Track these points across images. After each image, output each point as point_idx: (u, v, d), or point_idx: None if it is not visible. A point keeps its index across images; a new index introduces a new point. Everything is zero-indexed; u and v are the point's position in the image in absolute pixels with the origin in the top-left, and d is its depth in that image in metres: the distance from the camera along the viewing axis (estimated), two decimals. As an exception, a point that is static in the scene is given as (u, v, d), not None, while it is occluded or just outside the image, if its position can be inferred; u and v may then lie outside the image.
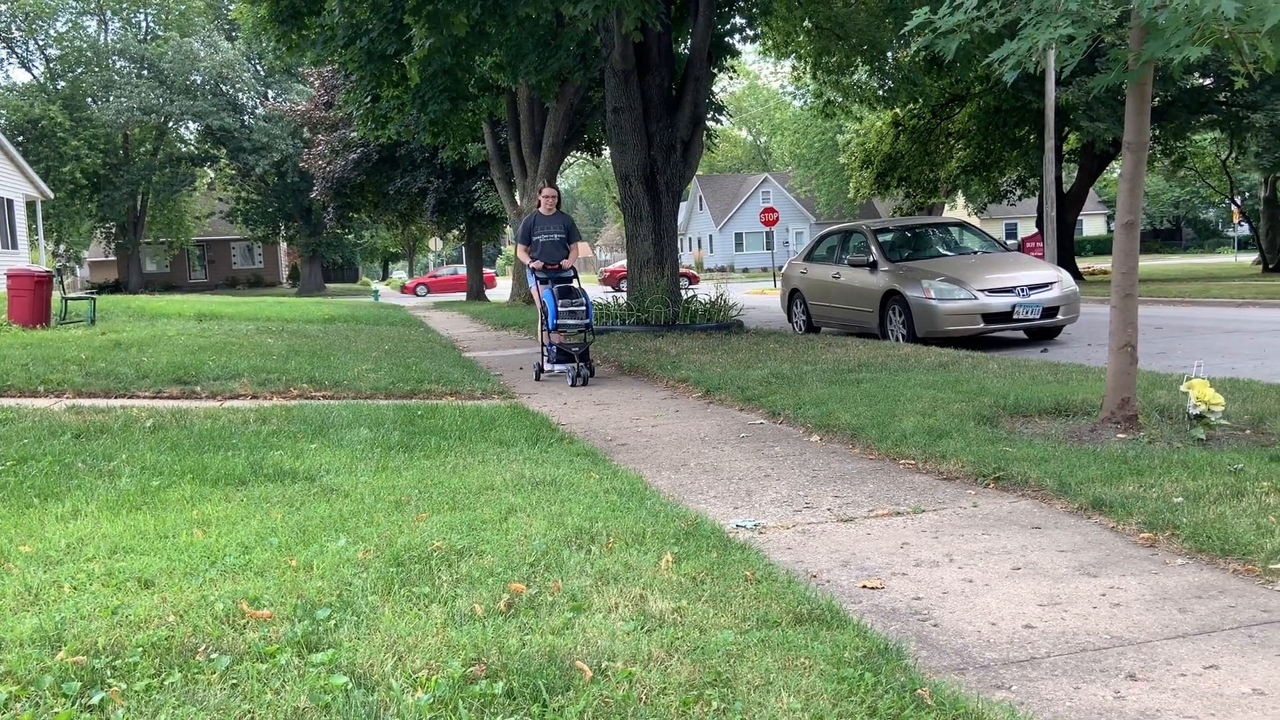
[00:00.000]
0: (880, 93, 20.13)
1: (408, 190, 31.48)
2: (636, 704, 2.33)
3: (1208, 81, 25.10)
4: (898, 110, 26.89)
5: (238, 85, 48.79)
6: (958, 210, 48.64)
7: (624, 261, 19.89)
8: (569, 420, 6.99)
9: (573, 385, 8.91)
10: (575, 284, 9.59)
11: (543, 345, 9.54)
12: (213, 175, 53.75)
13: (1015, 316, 11.24)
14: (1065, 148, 27.85)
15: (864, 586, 3.36)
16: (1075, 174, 30.02)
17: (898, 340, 11.57)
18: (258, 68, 50.94)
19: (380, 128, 17.80)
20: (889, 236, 13.18)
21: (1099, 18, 4.72)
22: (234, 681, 2.47)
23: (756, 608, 2.95)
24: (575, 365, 9.07)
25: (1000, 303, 11.20)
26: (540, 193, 10.01)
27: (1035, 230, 27.41)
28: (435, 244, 52.96)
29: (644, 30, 12.90)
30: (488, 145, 25.16)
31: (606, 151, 25.38)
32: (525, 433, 6.07)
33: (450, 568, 3.33)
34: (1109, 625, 2.94)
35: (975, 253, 13.00)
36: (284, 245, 60.33)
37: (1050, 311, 11.36)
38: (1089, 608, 3.08)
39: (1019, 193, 34.06)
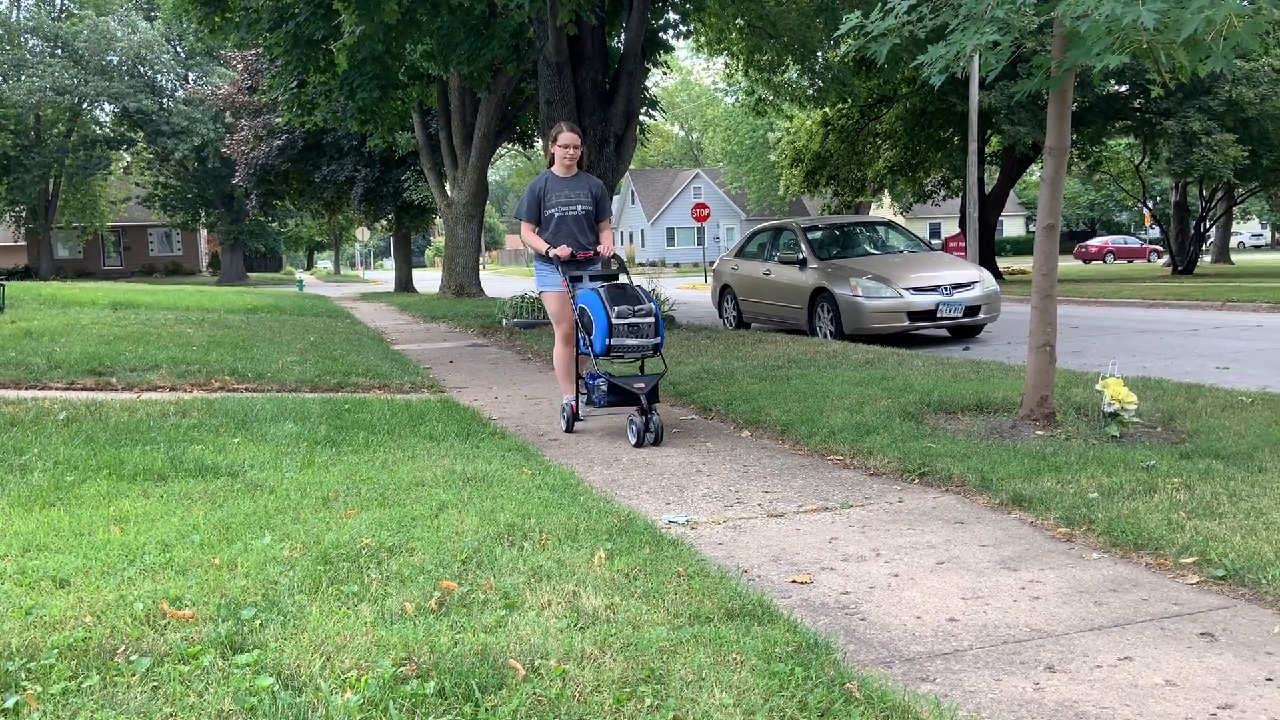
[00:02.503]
0: (810, 92, 20.40)
1: (334, 178, 30.89)
2: (570, 702, 2.32)
3: (1124, 89, 25.97)
4: (827, 110, 27.27)
5: (156, 67, 47.26)
6: (884, 209, 49.53)
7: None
8: (500, 415, 6.95)
9: (638, 445, 5.74)
10: (627, 280, 6.35)
11: (578, 378, 6.41)
12: (129, 159, 52.03)
13: (939, 315, 11.49)
14: (987, 150, 28.55)
15: (794, 581, 3.41)
16: (997, 176, 30.80)
17: (826, 337, 11.73)
18: (178, 49, 49.43)
19: (306, 114, 17.44)
20: (818, 234, 13.37)
21: (1023, 25, 4.85)
22: (155, 684, 2.41)
23: (689, 604, 2.97)
24: (642, 414, 5.77)
25: (925, 301, 11.44)
26: (555, 141, 6.47)
27: (958, 230, 28.06)
28: (362, 233, 52.10)
29: (578, 23, 12.86)
30: (418, 135, 24.82)
31: (539, 144, 25.19)
32: (456, 427, 6.01)
33: (380, 565, 3.28)
34: (1029, 618, 3.02)
35: (901, 252, 13.26)
36: (204, 232, 58.74)
37: (972, 310, 11.64)
38: (1009, 601, 3.17)
39: (943, 193, 34.86)
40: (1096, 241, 51.24)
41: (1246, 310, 15.08)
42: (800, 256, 12.61)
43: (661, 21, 17.46)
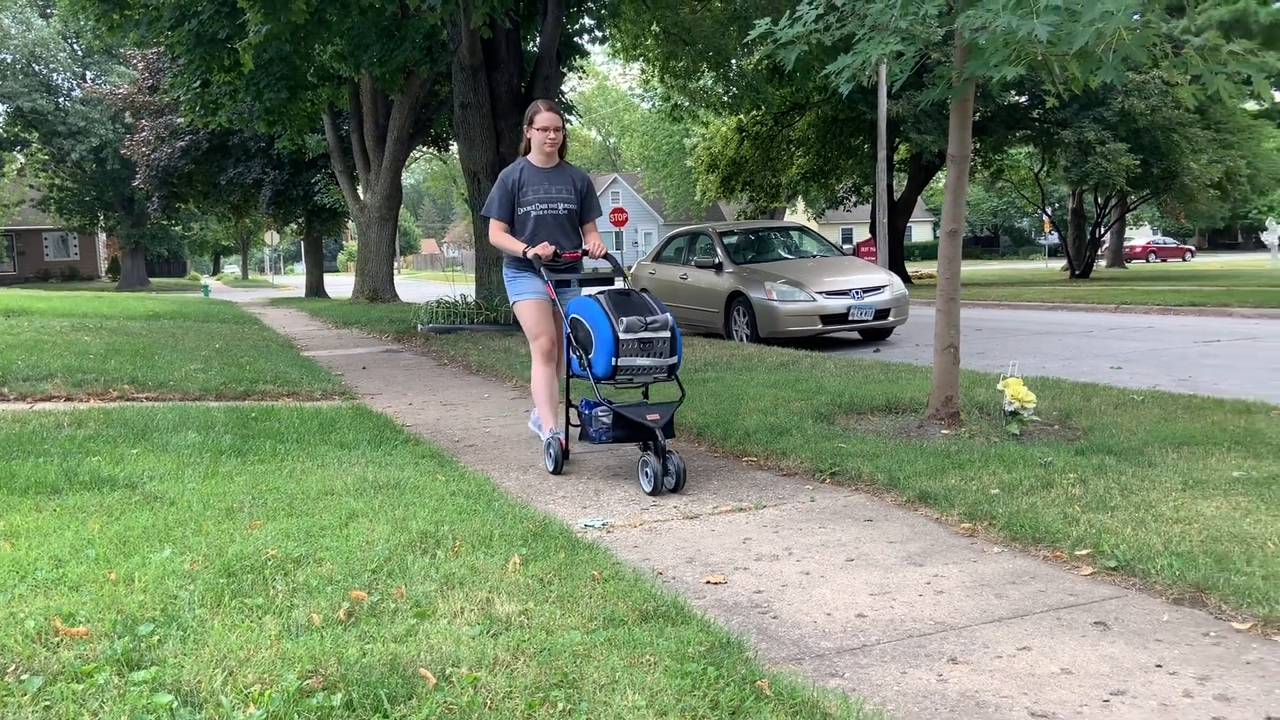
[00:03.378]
0: (725, 99, 20.66)
1: (241, 181, 30.07)
2: (481, 709, 2.30)
3: (1023, 99, 26.92)
4: (742, 117, 27.64)
5: (52, 65, 45.37)
6: (798, 215, 50.32)
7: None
8: (414, 421, 6.85)
9: (654, 493, 4.66)
10: (626, 286, 5.28)
11: (568, 405, 5.25)
12: (23, 160, 49.83)
13: (850, 318, 11.72)
14: (896, 157, 29.28)
15: (708, 582, 3.44)
16: (905, 183, 31.60)
17: (742, 340, 11.87)
18: (75, 47, 47.53)
19: (210, 115, 16.91)
20: (734, 239, 13.52)
21: (926, 35, 4.99)
22: (47, 703, 2.31)
23: (603, 607, 2.97)
24: (657, 453, 4.70)
25: (837, 305, 11.66)
26: (531, 123, 5.28)
27: (869, 235, 28.69)
28: (271, 238, 50.87)
29: (493, 26, 12.77)
30: (328, 137, 24.36)
31: (454, 147, 24.94)
32: (368, 435, 5.91)
33: (286, 577, 3.21)
34: (933, 612, 3.10)
35: (814, 256, 13.50)
36: (103, 236, 56.58)
37: (882, 313, 11.90)
38: (915, 596, 3.25)
39: (854, 199, 35.65)
40: (1140, 242, 53.82)
41: (1139, 313, 15.75)
42: (716, 261, 12.74)
43: (577, 26, 17.48)
